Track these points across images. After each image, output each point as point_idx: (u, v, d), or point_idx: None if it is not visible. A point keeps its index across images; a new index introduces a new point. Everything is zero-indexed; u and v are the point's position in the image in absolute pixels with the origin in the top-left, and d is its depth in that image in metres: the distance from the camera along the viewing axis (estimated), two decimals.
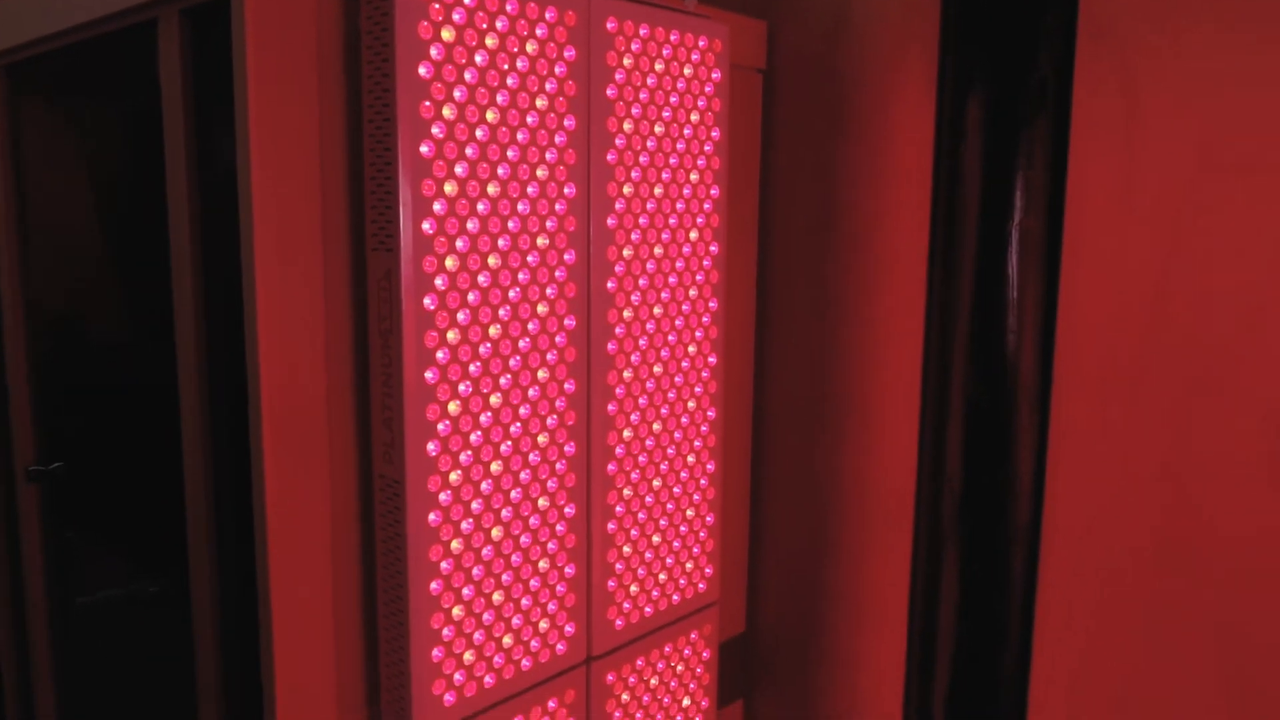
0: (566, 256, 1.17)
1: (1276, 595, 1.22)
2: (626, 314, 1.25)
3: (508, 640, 1.18)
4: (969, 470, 1.42)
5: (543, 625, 1.22)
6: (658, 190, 1.27)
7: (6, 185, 1.57)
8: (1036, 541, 1.42)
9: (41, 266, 1.58)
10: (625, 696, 1.36)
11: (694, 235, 1.33)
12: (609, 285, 1.22)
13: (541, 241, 1.14)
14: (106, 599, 1.61)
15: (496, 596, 1.16)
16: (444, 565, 1.09)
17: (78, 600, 1.69)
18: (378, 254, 1.03)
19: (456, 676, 1.13)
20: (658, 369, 1.31)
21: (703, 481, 1.42)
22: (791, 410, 1.68)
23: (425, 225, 1.02)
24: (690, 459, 1.39)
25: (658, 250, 1.28)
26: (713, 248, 1.37)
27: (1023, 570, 1.42)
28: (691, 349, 1.36)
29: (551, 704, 1.25)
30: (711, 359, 1.40)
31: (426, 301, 1.03)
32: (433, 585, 1.09)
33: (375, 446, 1.08)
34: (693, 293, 1.35)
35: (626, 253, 1.24)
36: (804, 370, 1.66)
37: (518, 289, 1.12)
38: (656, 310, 1.29)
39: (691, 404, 1.38)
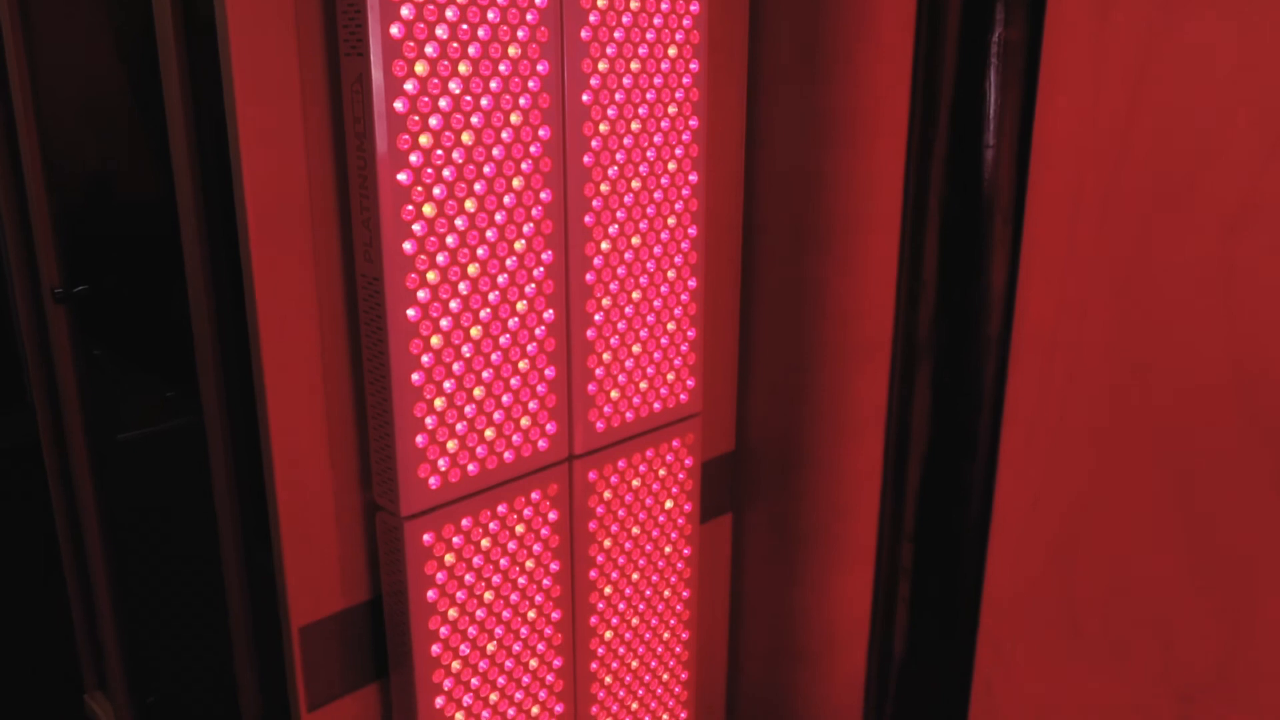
0: (540, 67, 1.20)
1: (1220, 400, 1.26)
2: (603, 127, 1.29)
3: (490, 433, 1.27)
4: (944, 283, 1.47)
5: (524, 422, 1.31)
6: None
7: (19, 43, 1.62)
8: (1006, 353, 1.48)
9: (65, 124, 1.64)
10: (608, 494, 1.46)
11: (673, 52, 1.35)
12: (584, 98, 1.25)
13: (513, 52, 1.16)
14: (141, 435, 1.74)
15: (478, 391, 1.24)
16: (425, 359, 1.17)
17: (117, 436, 1.83)
18: (350, 59, 1.07)
19: (441, 463, 1.22)
20: (636, 184, 1.35)
21: (684, 296, 1.48)
22: (779, 233, 1.72)
23: (393, 30, 1.05)
24: (671, 274, 1.45)
25: (635, 65, 1.30)
26: (693, 65, 1.38)
27: (993, 380, 1.48)
28: (672, 166, 1.40)
29: (535, 495, 1.35)
30: (692, 177, 1.43)
31: (397, 105, 1.07)
32: (414, 376, 1.17)
33: (356, 247, 1.15)
34: (671, 109, 1.37)
35: (602, 66, 1.27)
36: (791, 191, 1.69)
37: (489, 97, 1.15)
38: (634, 125, 1.32)
39: (671, 220, 1.42)
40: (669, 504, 1.56)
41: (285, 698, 1.33)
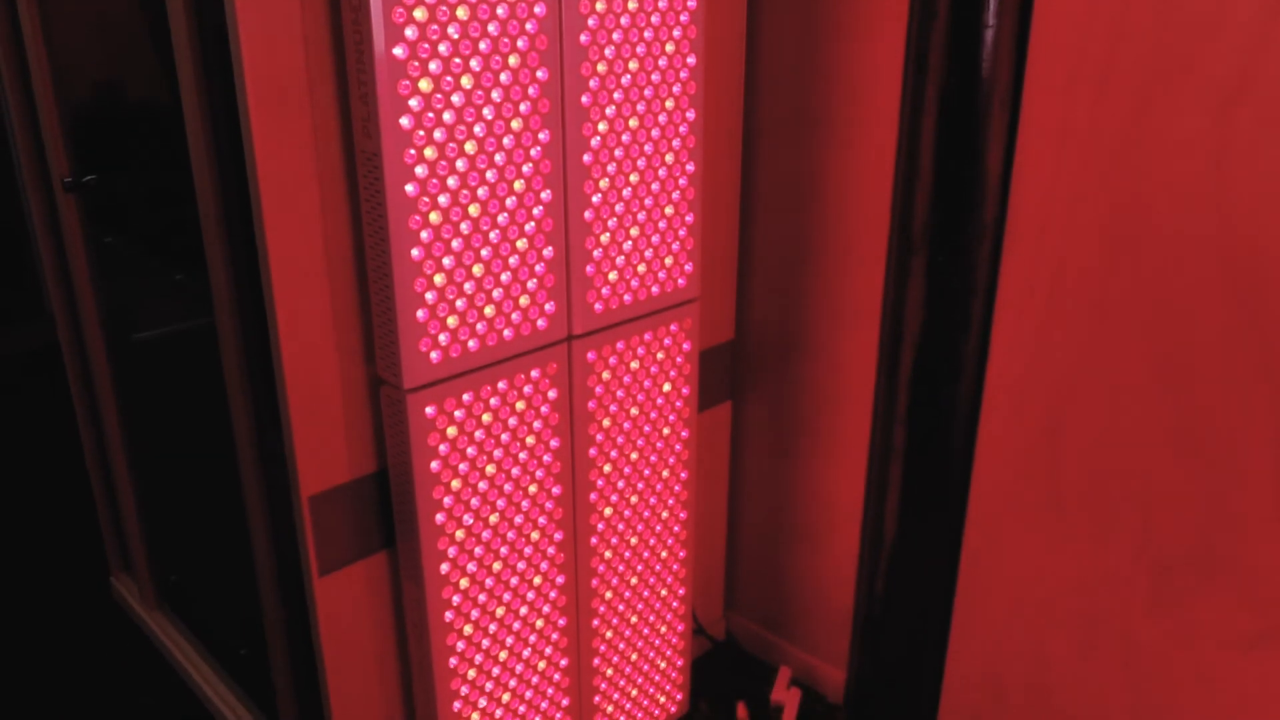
0: None
1: (1209, 281, 1.28)
2: (600, 4, 1.29)
3: (489, 310, 1.30)
4: (941, 168, 1.48)
5: (523, 301, 1.34)
6: None
7: None
8: (1000, 236, 1.49)
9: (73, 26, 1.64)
10: (606, 375, 1.50)
11: None
12: None
13: None
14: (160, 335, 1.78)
15: (477, 269, 1.27)
16: (424, 234, 1.20)
17: (133, 336, 1.88)
18: None
19: (442, 338, 1.26)
20: (633, 65, 1.35)
21: (682, 180, 1.49)
22: (780, 123, 1.72)
23: None
24: (669, 158, 1.46)
25: None
26: None
27: (987, 263, 1.50)
28: (669, 48, 1.40)
29: (535, 373, 1.39)
30: (690, 59, 1.43)
31: None
32: (414, 251, 1.20)
33: (355, 124, 1.16)
34: None
35: None
36: (792, 80, 1.68)
37: None
38: (631, 4, 1.32)
39: (670, 103, 1.43)
40: (667, 387, 1.60)
41: (298, 567, 1.40)
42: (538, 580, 1.51)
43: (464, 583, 1.40)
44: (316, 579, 1.35)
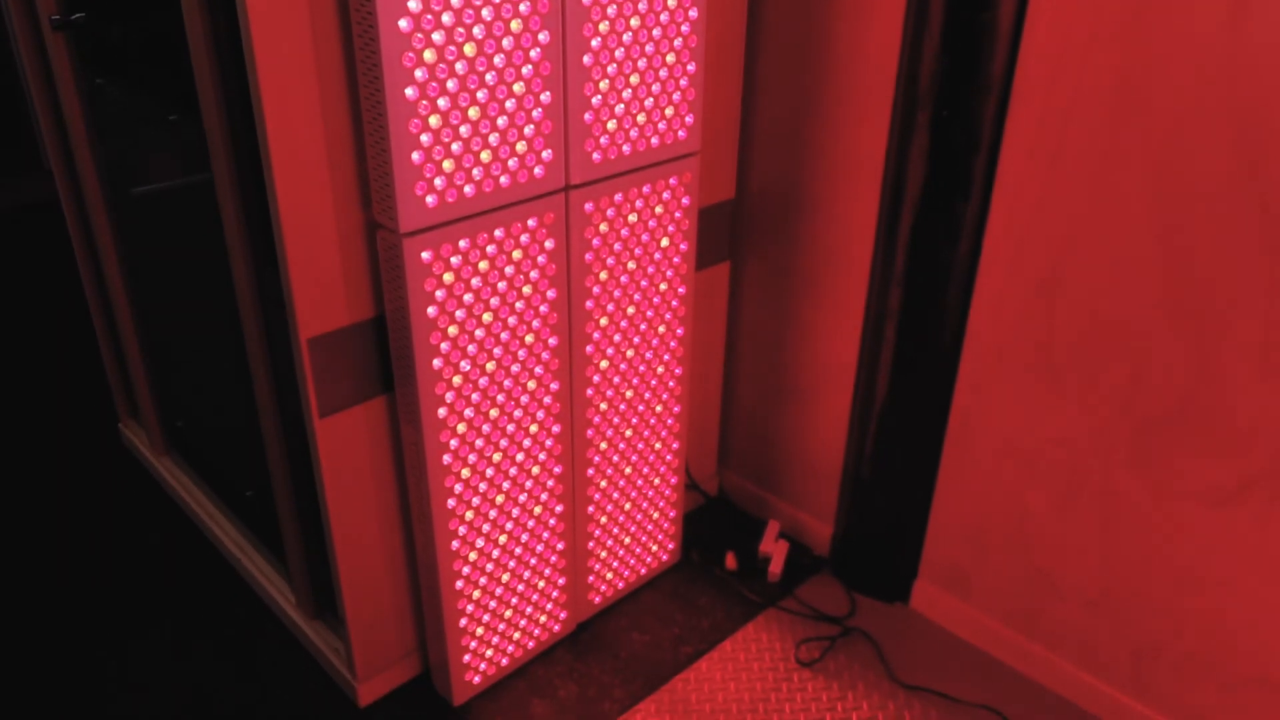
0: None
1: (1215, 138, 1.26)
2: None
3: (486, 155, 1.29)
4: (949, 20, 1.43)
5: (520, 147, 1.32)
6: None
7: None
8: (1007, 92, 1.46)
9: None
10: (604, 227, 1.49)
11: None
12: None
13: None
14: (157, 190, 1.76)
15: (473, 111, 1.25)
16: (418, 73, 1.18)
17: (132, 190, 1.85)
18: None
19: (437, 182, 1.25)
20: None
21: (684, 27, 1.45)
22: None
23: None
24: (671, 2, 1.41)
25: None
26: None
27: (992, 119, 1.48)
28: None
29: (532, 222, 1.39)
30: None
31: None
32: (408, 91, 1.18)
33: None
34: None
35: None
36: None
37: None
38: None
39: None
40: (665, 242, 1.60)
41: (299, 409, 1.43)
42: (534, 429, 1.54)
43: (461, 427, 1.43)
44: (317, 420, 1.39)
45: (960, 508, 1.75)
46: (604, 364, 1.61)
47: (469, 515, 1.51)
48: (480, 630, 1.62)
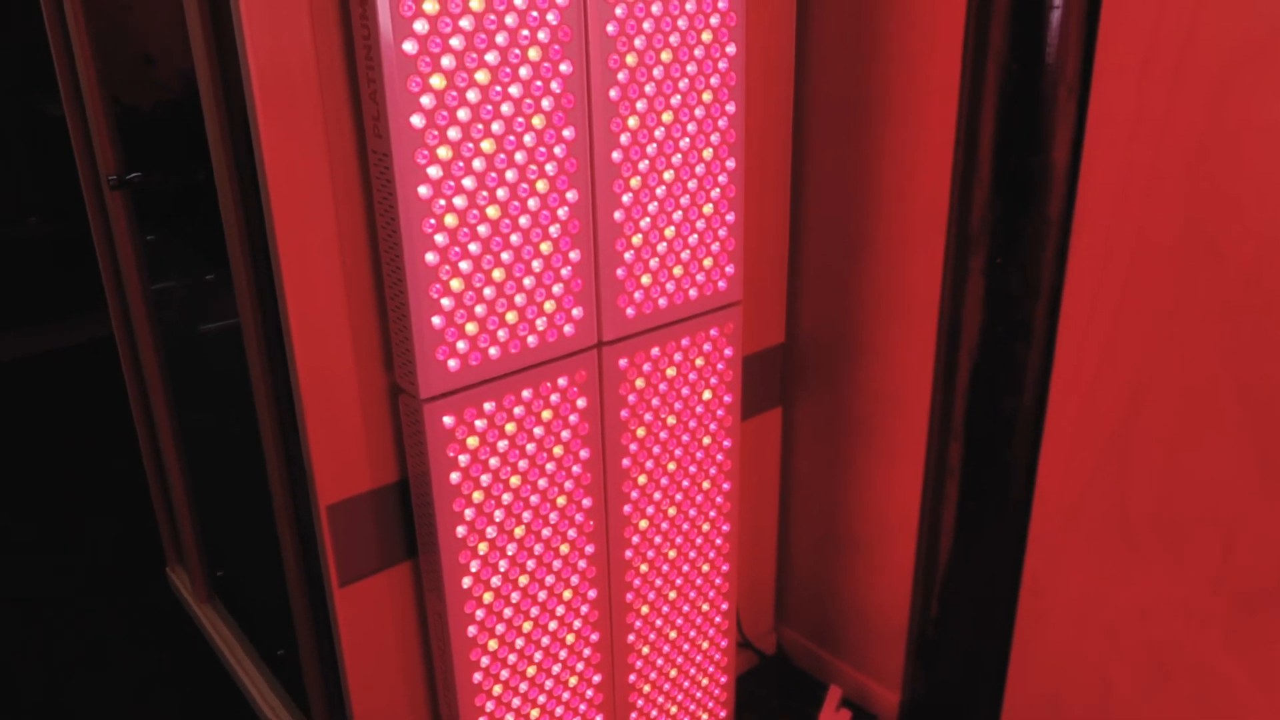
0: None
1: None
2: None
3: (511, 316, 1.24)
4: (1001, 159, 1.37)
5: (548, 306, 1.28)
6: None
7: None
8: (1067, 234, 1.37)
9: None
10: (640, 383, 1.43)
11: None
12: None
13: None
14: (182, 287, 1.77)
15: (497, 274, 1.21)
16: (439, 238, 1.15)
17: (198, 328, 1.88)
18: None
19: (460, 345, 1.21)
20: (666, 56, 1.28)
21: (721, 178, 1.41)
22: (830, 109, 1.63)
23: None
24: (707, 154, 1.38)
25: None
26: None
27: (1052, 262, 1.39)
28: (707, 37, 1.32)
29: (562, 381, 1.33)
30: (730, 49, 1.35)
31: None
32: (429, 256, 1.14)
33: (366, 123, 1.11)
34: None
35: None
36: (843, 69, 1.58)
37: None
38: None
39: (707, 96, 1.35)
40: (707, 395, 1.53)
41: (320, 577, 1.37)
42: (567, 595, 1.45)
43: (488, 597, 1.35)
44: (337, 590, 1.32)
45: (1037, 679, 1.59)
46: (643, 524, 1.52)
47: (496, 690, 1.41)
48: None
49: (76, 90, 1.80)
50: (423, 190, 1.12)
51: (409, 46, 1.06)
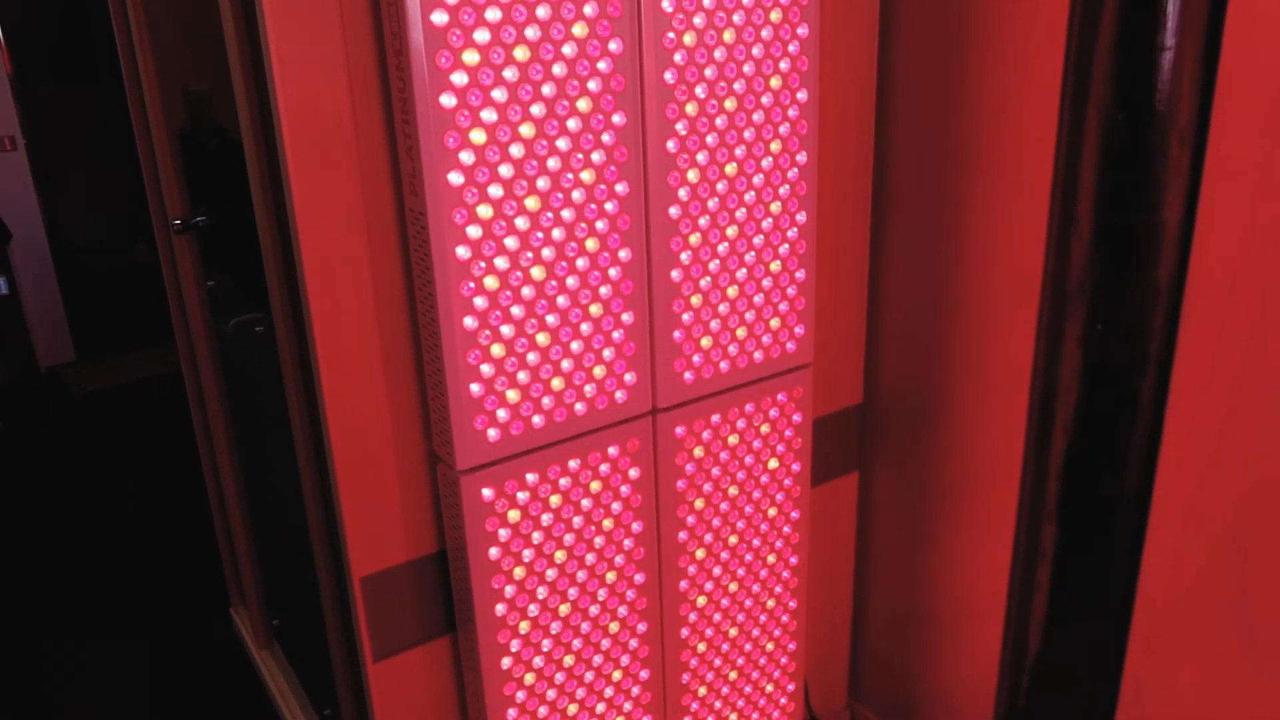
0: None
1: None
2: (688, 38, 1.13)
3: (557, 383, 1.16)
4: (1102, 216, 1.23)
5: (598, 371, 1.19)
6: None
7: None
8: (1178, 301, 1.23)
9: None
10: (699, 451, 1.33)
11: None
12: (664, 4, 1.10)
13: None
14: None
15: (541, 338, 1.13)
16: (479, 301, 1.07)
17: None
18: None
19: (500, 414, 1.13)
20: (730, 104, 1.18)
21: (791, 233, 1.31)
22: (913, 159, 1.51)
23: None
24: (775, 206, 1.28)
25: None
26: None
27: (1161, 333, 1.24)
28: (775, 83, 1.22)
29: (613, 451, 1.24)
30: (801, 95, 1.25)
31: (436, 17, 0.96)
32: (467, 320, 1.07)
33: (404, 180, 1.05)
34: (775, 15, 1.19)
35: None
36: (929, 113, 1.47)
37: (546, 5, 1.02)
38: (728, 35, 1.15)
39: (775, 146, 1.25)
40: (773, 463, 1.42)
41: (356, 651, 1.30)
42: (617, 676, 1.35)
43: (529, 678, 1.27)
44: (371, 665, 1.25)
45: None
46: (701, 601, 1.41)
47: None
48: None
49: (147, 133, 1.80)
50: (461, 251, 1.05)
51: (446, 100, 0.99)
